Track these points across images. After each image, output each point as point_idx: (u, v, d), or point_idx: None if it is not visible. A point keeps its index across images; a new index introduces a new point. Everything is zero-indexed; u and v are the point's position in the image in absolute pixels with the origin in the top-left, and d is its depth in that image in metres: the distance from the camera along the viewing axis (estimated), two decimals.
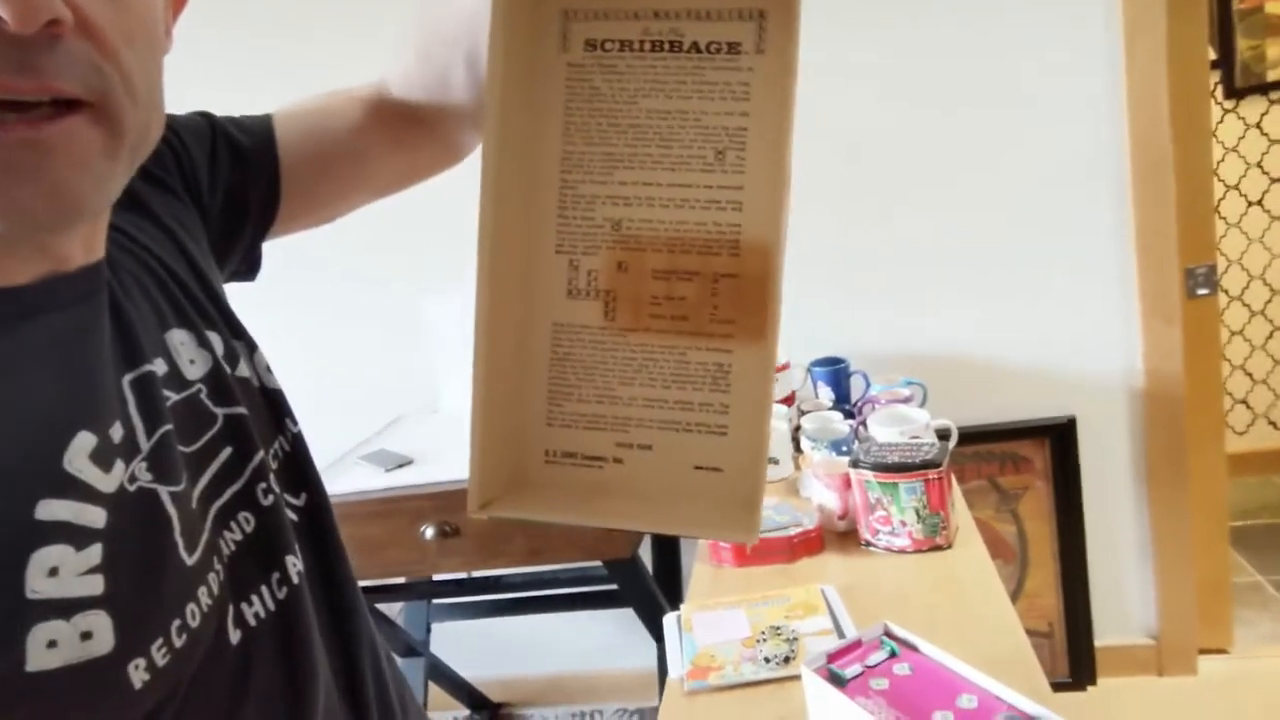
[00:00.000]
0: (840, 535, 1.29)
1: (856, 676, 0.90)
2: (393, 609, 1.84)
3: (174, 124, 0.57)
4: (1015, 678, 0.83)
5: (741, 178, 0.35)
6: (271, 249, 0.68)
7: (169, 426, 0.46)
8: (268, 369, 0.57)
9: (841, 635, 1.03)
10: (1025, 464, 1.86)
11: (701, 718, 0.95)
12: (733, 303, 0.36)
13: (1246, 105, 2.51)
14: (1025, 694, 0.81)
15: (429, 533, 1.38)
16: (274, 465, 0.54)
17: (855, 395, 1.68)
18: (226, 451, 0.50)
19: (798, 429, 1.54)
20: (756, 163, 0.35)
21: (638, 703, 2.07)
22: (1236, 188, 2.57)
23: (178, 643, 0.41)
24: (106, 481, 0.40)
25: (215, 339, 0.52)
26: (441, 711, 2.13)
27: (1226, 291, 2.63)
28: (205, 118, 0.61)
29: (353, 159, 0.64)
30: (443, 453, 1.59)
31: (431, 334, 1.92)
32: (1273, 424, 2.72)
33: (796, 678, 0.96)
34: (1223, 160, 2.54)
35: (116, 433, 0.42)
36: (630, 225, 0.36)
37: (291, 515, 0.54)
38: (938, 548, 1.21)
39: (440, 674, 1.94)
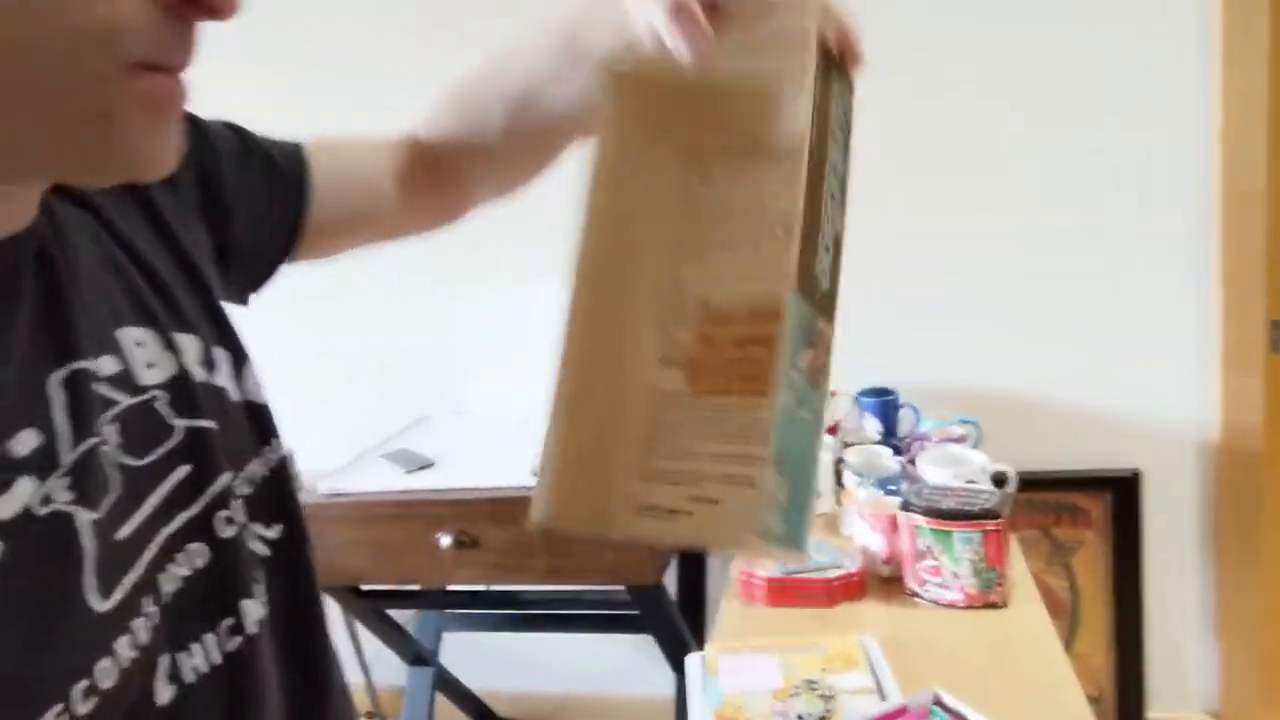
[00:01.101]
0: (883, 581, 1.19)
1: None
2: (404, 614, 1.78)
3: (206, 130, 0.55)
4: None
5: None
6: None
7: (102, 438, 0.39)
8: (257, 383, 0.51)
9: (883, 696, 0.94)
10: (1082, 516, 1.74)
11: None
12: None
13: None
14: None
15: (445, 541, 1.31)
16: (245, 491, 0.47)
17: (904, 430, 1.58)
18: (183, 470, 0.43)
19: (840, 461, 1.45)
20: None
21: None
22: None
23: (82, 709, 0.34)
24: (3, 504, 0.34)
25: (188, 342, 0.46)
26: None
27: None
28: (236, 131, 0.59)
29: (369, 205, 0.65)
30: (466, 456, 1.52)
31: (461, 333, 1.86)
32: None
33: None
34: None
35: (25, 442, 0.35)
36: (717, 303, 0.41)
37: (262, 550, 0.47)
38: (992, 605, 1.11)
39: (448, 685, 1.87)
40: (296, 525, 0.51)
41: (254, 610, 0.45)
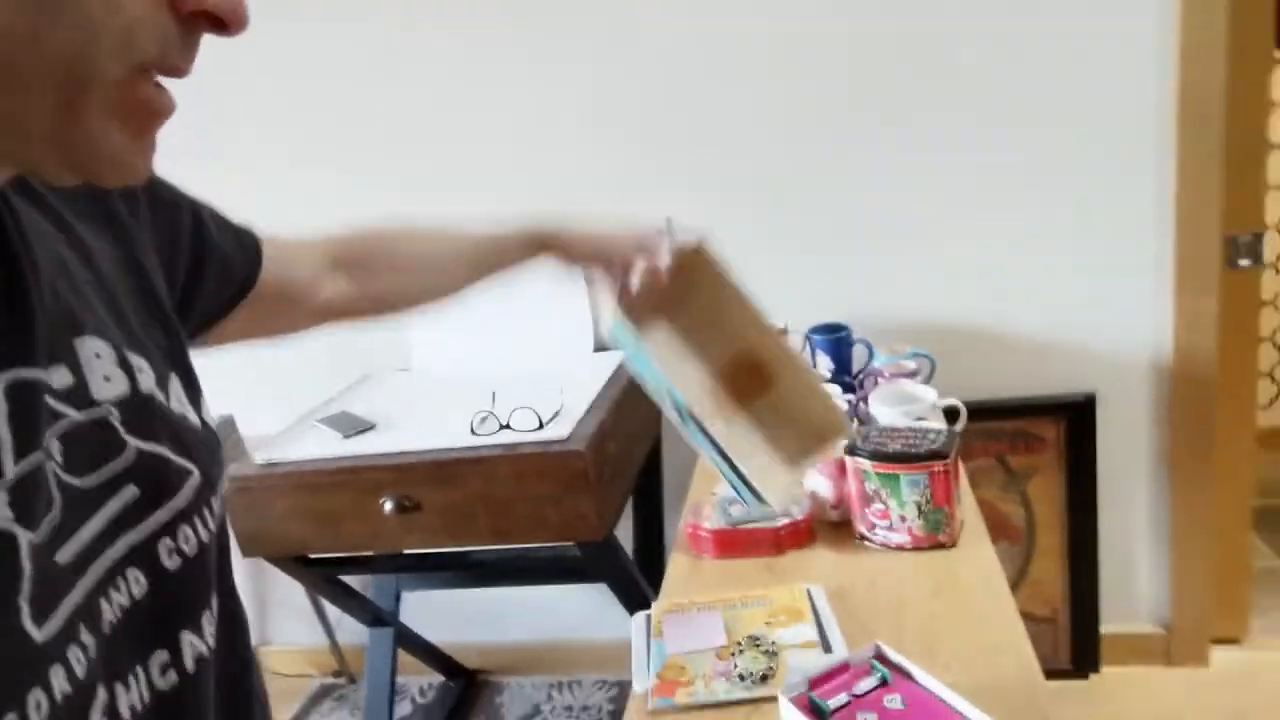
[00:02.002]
0: (833, 526, 1.17)
1: (841, 708, 0.79)
2: (359, 578, 1.75)
3: (175, 189, 0.57)
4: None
5: None
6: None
7: (46, 453, 0.37)
8: (209, 414, 0.51)
9: (827, 648, 0.92)
10: (1037, 442, 1.73)
11: None
12: None
13: None
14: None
15: (388, 506, 1.27)
16: (196, 522, 0.45)
17: (857, 366, 1.55)
18: (131, 491, 0.41)
19: None
20: None
21: (617, 675, 2.00)
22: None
23: None
24: None
25: (144, 362, 0.45)
26: (415, 677, 2.06)
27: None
28: (201, 206, 0.59)
29: (291, 310, 0.69)
30: (407, 418, 1.47)
31: None
32: None
33: (774, 699, 0.86)
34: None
35: None
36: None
37: (216, 585, 0.46)
38: (940, 546, 1.09)
39: (411, 642, 1.86)
40: (227, 575, 0.49)
41: (195, 644, 0.44)
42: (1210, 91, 1.51)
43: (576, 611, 1.99)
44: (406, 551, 1.55)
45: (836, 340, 1.55)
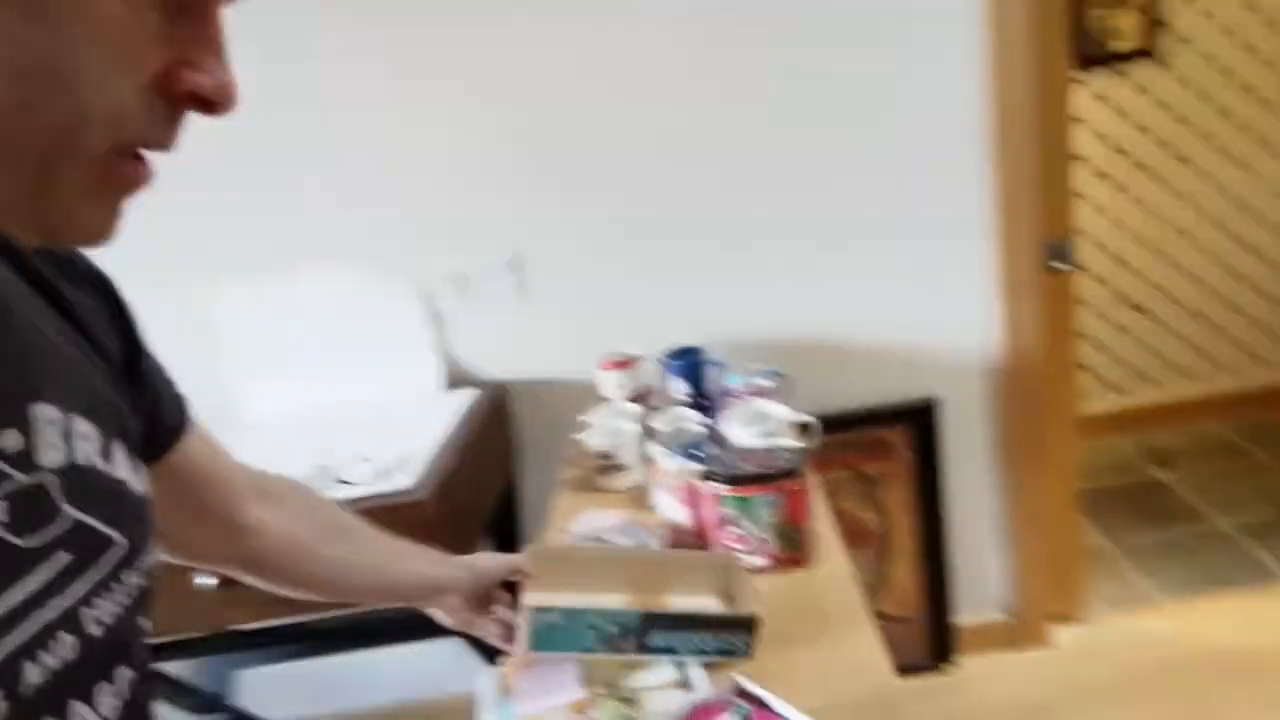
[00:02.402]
0: None
1: None
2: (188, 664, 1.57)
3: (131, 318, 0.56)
4: None
5: None
6: None
7: None
8: (147, 485, 0.50)
9: (688, 687, 0.89)
10: (887, 450, 1.79)
11: None
12: None
13: (1093, 76, 2.52)
14: None
15: (205, 582, 1.14)
16: (120, 592, 0.45)
17: (712, 387, 1.54)
18: (64, 558, 0.41)
19: (648, 431, 1.39)
20: None
21: None
22: (1080, 158, 2.60)
23: None
24: None
25: (92, 429, 0.45)
26: None
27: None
28: (141, 341, 0.58)
29: (215, 507, 0.66)
30: None
31: (222, 336, 1.64)
32: (1115, 388, 2.81)
33: None
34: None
35: None
36: None
37: (141, 649, 0.47)
38: (798, 564, 1.09)
39: None
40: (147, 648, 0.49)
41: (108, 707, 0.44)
42: (1018, 111, 1.62)
43: (436, 669, 1.87)
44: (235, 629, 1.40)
45: (689, 363, 1.53)
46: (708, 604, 0.96)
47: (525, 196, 1.69)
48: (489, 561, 0.90)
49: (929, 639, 1.89)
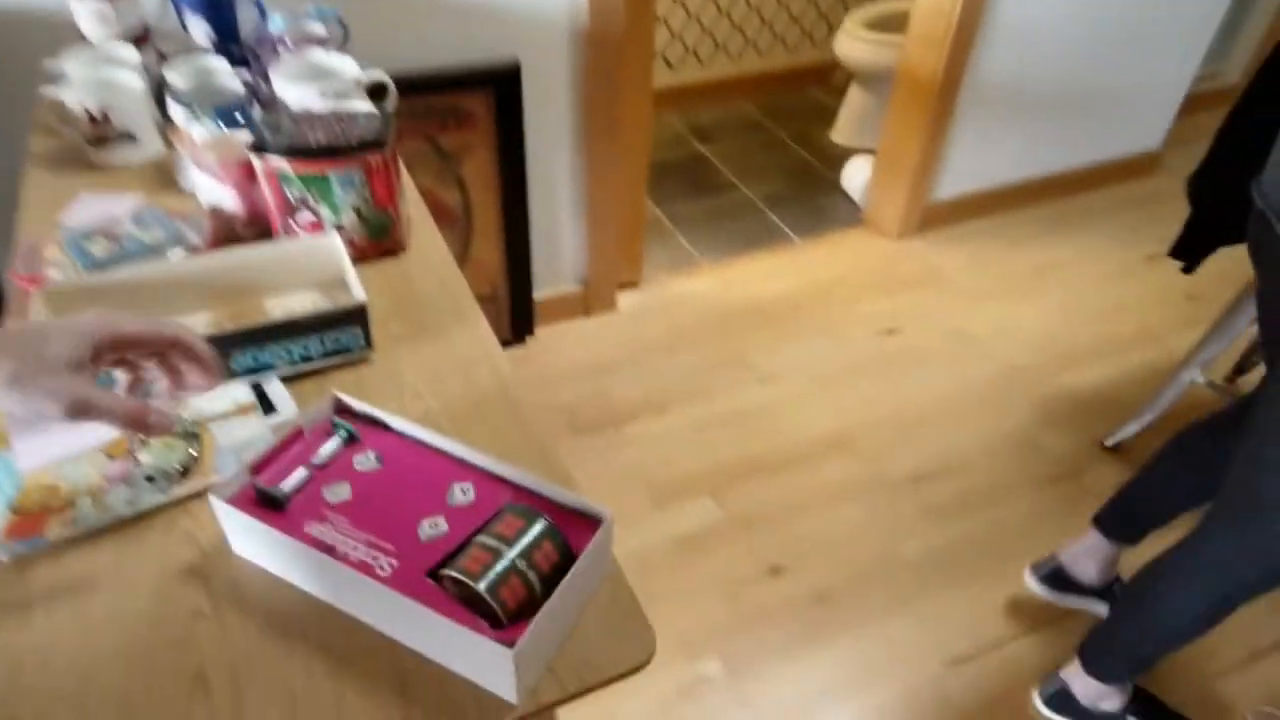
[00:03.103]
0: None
1: (302, 488, 0.61)
2: None
3: None
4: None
5: None
6: None
7: None
8: None
9: (268, 408, 0.72)
10: (467, 118, 1.61)
11: (44, 601, 0.58)
12: None
13: None
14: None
15: None
16: None
17: (246, 32, 1.18)
18: None
19: (161, 85, 1.03)
20: None
21: None
22: None
23: None
24: None
25: None
26: None
27: None
28: None
29: None
30: None
31: None
32: (668, 63, 2.91)
33: (202, 495, 0.64)
34: None
35: None
36: None
37: None
38: (390, 253, 0.92)
39: None
40: None
41: None
42: None
43: None
44: None
45: None
46: (305, 303, 0.78)
47: None
48: None
49: (511, 313, 1.91)
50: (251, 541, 0.59)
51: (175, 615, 0.57)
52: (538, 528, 0.56)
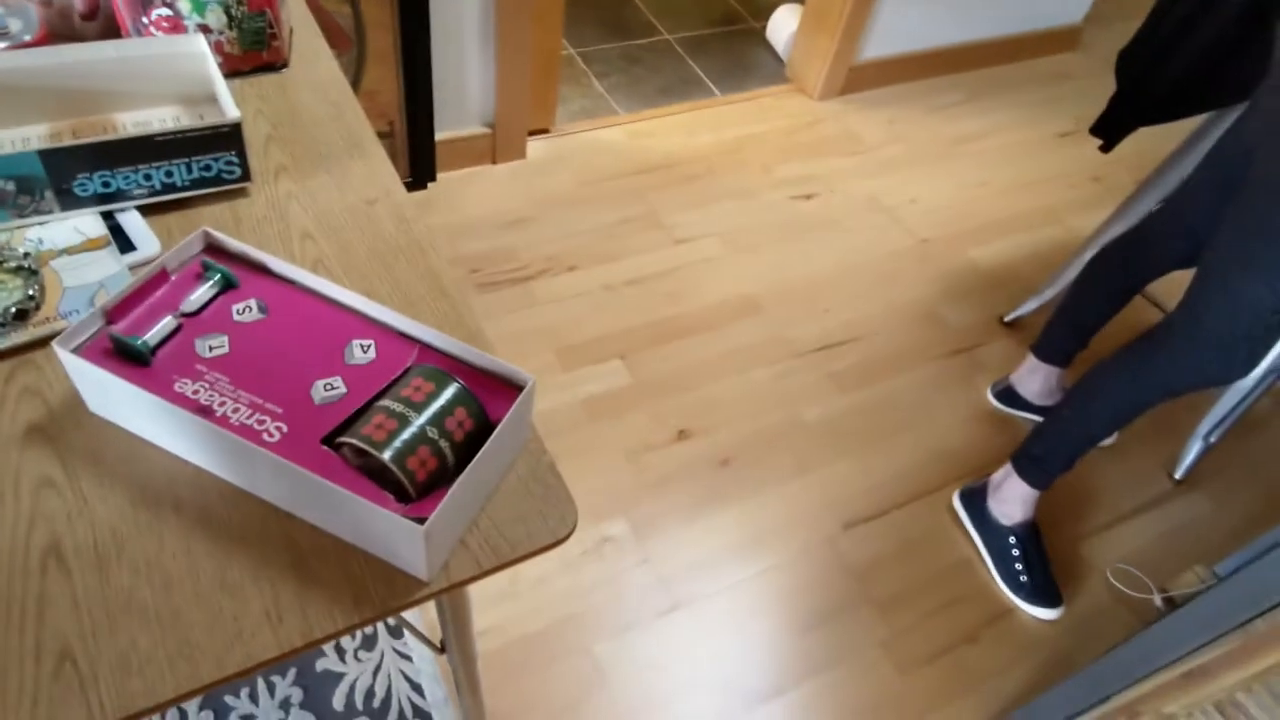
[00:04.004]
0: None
1: (170, 338, 0.52)
2: None
3: None
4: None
5: None
6: None
7: None
8: None
9: (127, 246, 0.61)
10: None
11: None
12: None
13: None
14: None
15: None
16: None
17: None
18: None
19: None
20: None
21: None
22: None
23: None
24: None
25: None
26: None
27: None
28: None
29: None
30: None
31: None
32: None
33: (45, 343, 0.55)
34: None
35: None
36: None
37: None
38: (269, 67, 0.79)
39: None
40: None
41: None
42: None
43: None
44: None
45: None
46: (165, 119, 0.65)
47: None
48: None
49: (410, 154, 1.75)
50: (110, 400, 0.51)
51: (19, 485, 0.49)
52: (450, 392, 0.49)
